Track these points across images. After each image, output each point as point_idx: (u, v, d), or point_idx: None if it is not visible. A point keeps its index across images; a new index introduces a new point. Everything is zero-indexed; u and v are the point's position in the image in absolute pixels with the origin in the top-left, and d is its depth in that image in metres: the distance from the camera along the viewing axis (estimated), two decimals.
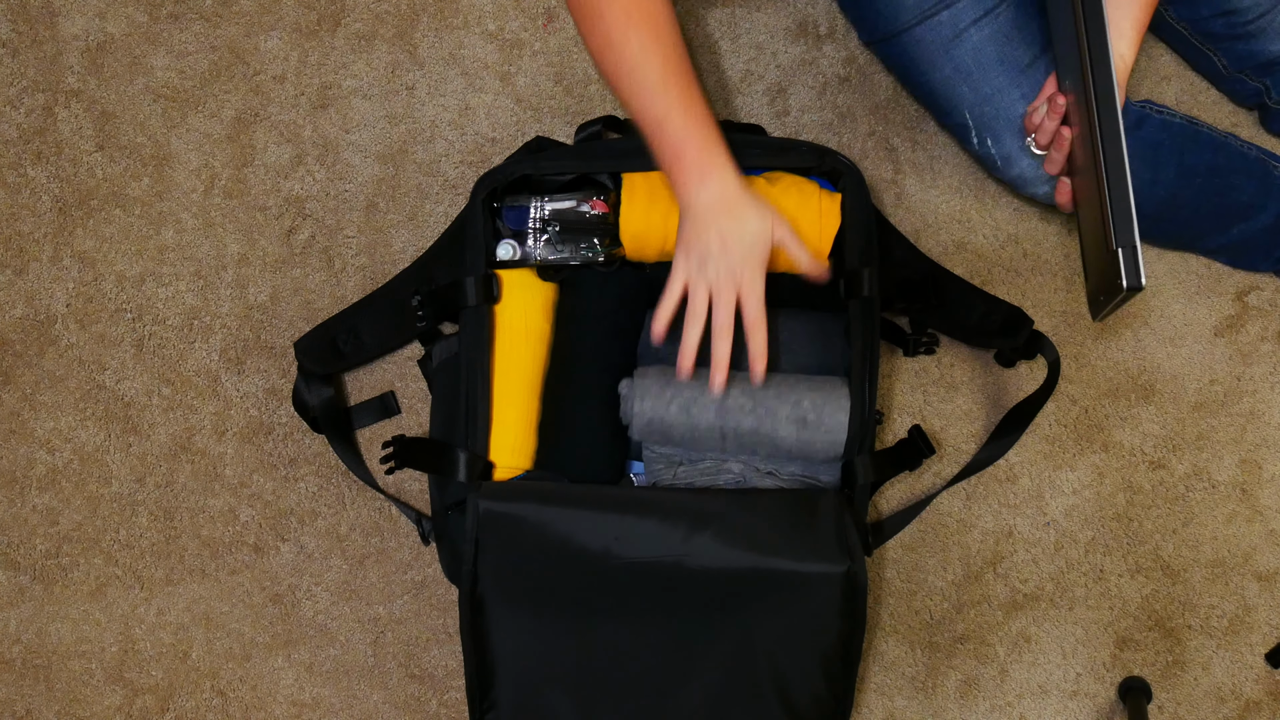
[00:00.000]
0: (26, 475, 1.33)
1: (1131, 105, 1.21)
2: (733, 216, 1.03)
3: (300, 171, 1.34)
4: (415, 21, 1.35)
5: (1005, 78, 1.15)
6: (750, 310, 1.04)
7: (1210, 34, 1.23)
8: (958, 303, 1.25)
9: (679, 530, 1.06)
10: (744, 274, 1.03)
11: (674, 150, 1.02)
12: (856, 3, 1.24)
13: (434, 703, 1.32)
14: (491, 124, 1.35)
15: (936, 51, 1.17)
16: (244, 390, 1.33)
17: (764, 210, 1.04)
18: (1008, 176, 1.20)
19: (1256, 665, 1.31)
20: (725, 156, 1.04)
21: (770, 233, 1.04)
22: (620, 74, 1.03)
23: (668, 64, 1.02)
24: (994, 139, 1.18)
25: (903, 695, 1.31)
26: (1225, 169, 1.23)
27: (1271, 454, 1.32)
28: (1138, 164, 1.19)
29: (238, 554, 1.32)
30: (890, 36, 1.20)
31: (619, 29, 1.01)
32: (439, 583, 1.32)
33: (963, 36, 1.16)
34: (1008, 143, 1.18)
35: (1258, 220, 1.25)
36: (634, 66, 1.02)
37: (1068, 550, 1.31)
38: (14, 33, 1.36)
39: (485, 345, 1.13)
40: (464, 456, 1.11)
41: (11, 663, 1.32)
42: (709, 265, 1.03)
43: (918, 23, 1.18)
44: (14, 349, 1.34)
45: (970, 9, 1.15)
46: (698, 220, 1.03)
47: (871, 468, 1.13)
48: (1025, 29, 1.16)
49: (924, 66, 1.19)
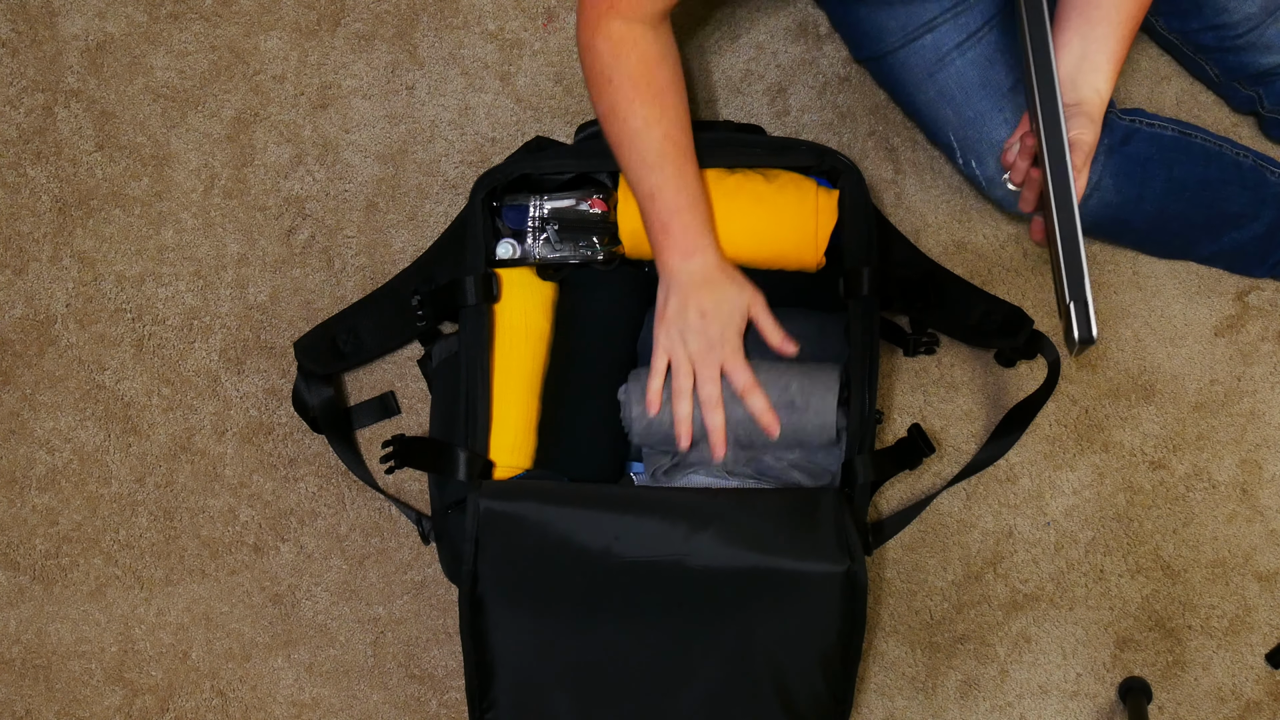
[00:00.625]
0: (26, 475, 1.33)
1: (1120, 120, 1.21)
2: (711, 290, 1.07)
3: (300, 171, 1.34)
4: (415, 21, 1.35)
5: (988, 102, 1.16)
6: (738, 380, 1.08)
7: (1201, 46, 1.23)
8: (958, 303, 1.25)
9: (679, 529, 1.06)
10: (724, 346, 1.08)
11: (662, 223, 1.06)
12: (844, 23, 1.25)
13: (434, 703, 1.31)
14: (491, 124, 1.35)
15: (920, 75, 1.18)
16: (244, 390, 1.33)
17: (742, 283, 1.09)
18: (993, 197, 1.22)
19: (1257, 665, 1.31)
20: (710, 236, 1.08)
21: (747, 305, 1.09)
22: (621, 142, 1.06)
23: (667, 139, 1.05)
24: (978, 161, 1.20)
25: (903, 695, 1.31)
26: (1216, 181, 1.23)
27: (1272, 454, 1.32)
28: (1124, 181, 1.20)
29: (237, 554, 1.32)
30: (876, 58, 1.22)
31: (625, 100, 1.04)
32: (439, 583, 1.32)
33: (946, 61, 1.17)
34: (991, 165, 1.19)
35: (1250, 229, 1.25)
36: (635, 138, 1.05)
37: (1068, 550, 1.31)
38: (14, 33, 1.36)
39: (485, 344, 1.13)
40: (464, 455, 1.11)
41: (11, 663, 1.32)
42: (689, 339, 1.07)
43: (901, 46, 1.18)
44: (14, 349, 1.34)
45: (953, 34, 1.16)
46: (679, 293, 1.08)
47: (872, 467, 1.13)
48: (1008, 53, 1.17)
49: (909, 89, 1.20)
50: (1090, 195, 1.20)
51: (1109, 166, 1.19)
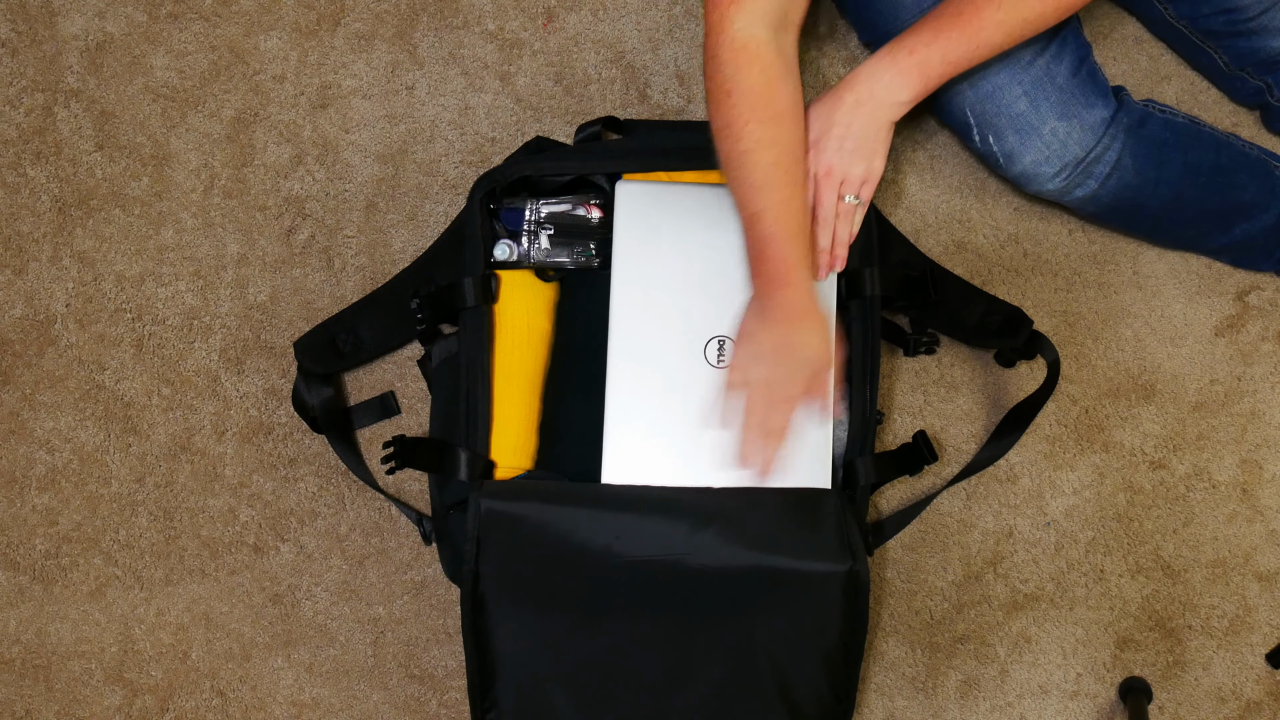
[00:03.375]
0: (26, 475, 1.33)
1: (1135, 104, 1.21)
2: (790, 328, 1.05)
3: (300, 171, 1.34)
4: (415, 21, 1.35)
5: (1005, 74, 1.15)
6: (775, 423, 1.07)
7: (1210, 31, 1.23)
8: (958, 302, 1.25)
9: (681, 529, 1.06)
10: (791, 387, 1.06)
11: (759, 247, 1.04)
12: (855, 3, 1.24)
13: (434, 703, 1.31)
14: (491, 124, 1.35)
15: None
16: (244, 390, 1.33)
17: (823, 337, 1.07)
18: (1011, 174, 1.20)
19: (1257, 665, 1.31)
20: (803, 271, 1.05)
21: (828, 359, 1.07)
22: (731, 160, 1.04)
23: (777, 165, 1.03)
24: (995, 136, 1.18)
25: (903, 695, 1.31)
26: (1229, 167, 1.23)
27: (1272, 454, 1.32)
28: (1143, 162, 1.19)
29: (237, 554, 1.32)
30: (890, 36, 1.20)
31: (742, 117, 1.02)
32: (439, 583, 1.32)
33: None
34: (1010, 139, 1.17)
35: (1260, 220, 1.25)
36: (744, 157, 1.03)
37: (1068, 550, 1.31)
38: (14, 32, 1.36)
39: (485, 345, 1.13)
40: (465, 456, 1.11)
41: (11, 663, 1.32)
42: (760, 366, 1.06)
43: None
44: (14, 349, 1.34)
45: None
46: (761, 319, 1.06)
47: (873, 469, 1.13)
48: None
49: None
50: (1110, 175, 1.19)
51: (1129, 146, 1.18)
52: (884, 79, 1.04)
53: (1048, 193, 1.20)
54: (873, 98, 1.04)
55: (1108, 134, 1.17)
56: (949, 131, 1.30)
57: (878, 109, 1.05)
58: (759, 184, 1.03)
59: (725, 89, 1.02)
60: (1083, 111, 1.16)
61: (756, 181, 1.03)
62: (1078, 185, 1.19)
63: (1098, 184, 1.19)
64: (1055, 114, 1.16)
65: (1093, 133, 1.17)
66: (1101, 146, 1.17)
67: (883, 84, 1.04)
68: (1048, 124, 1.16)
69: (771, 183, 1.03)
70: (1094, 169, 1.18)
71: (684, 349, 1.11)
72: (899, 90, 1.05)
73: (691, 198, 1.11)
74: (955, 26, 1.03)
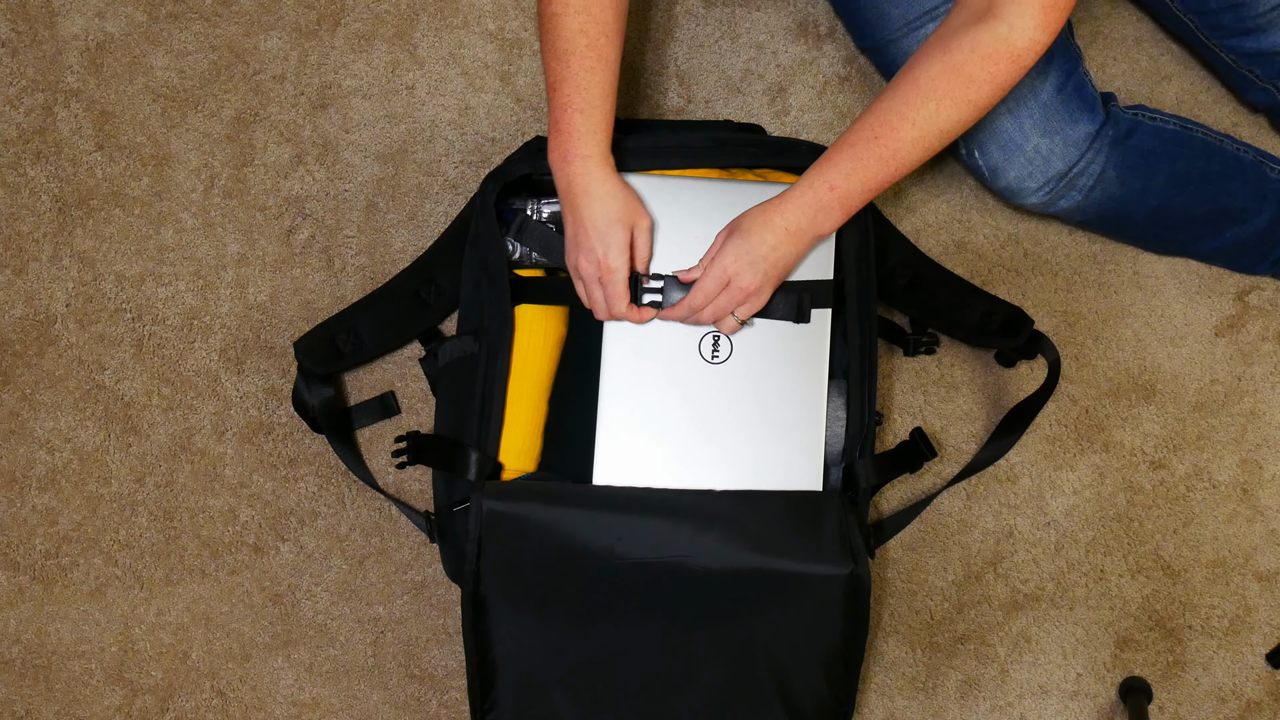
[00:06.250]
0: (26, 475, 1.33)
1: (1124, 113, 1.21)
2: (589, 201, 1.04)
3: (300, 171, 1.34)
4: (415, 21, 1.35)
5: None
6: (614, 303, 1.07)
7: (1219, 27, 1.23)
8: (958, 302, 1.25)
9: (683, 531, 1.06)
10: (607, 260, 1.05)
11: (555, 116, 1.04)
12: (846, 9, 1.25)
13: (434, 703, 1.31)
14: (491, 124, 1.35)
15: None
16: (244, 390, 1.33)
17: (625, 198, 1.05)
18: (996, 187, 1.21)
19: (1257, 665, 1.31)
20: (597, 144, 1.04)
21: (629, 216, 1.05)
22: (541, 24, 1.04)
23: (584, 31, 1.02)
24: (981, 151, 1.20)
25: (903, 695, 1.31)
26: (1218, 174, 1.23)
27: (1272, 454, 1.32)
28: (1128, 174, 1.20)
29: (237, 554, 1.32)
30: (878, 46, 1.22)
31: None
32: (439, 583, 1.32)
33: None
34: (994, 155, 1.19)
35: (1251, 224, 1.25)
36: (553, 20, 1.02)
37: (1068, 550, 1.31)
38: (14, 32, 1.36)
39: (506, 348, 1.12)
40: (475, 456, 1.11)
41: (11, 663, 1.32)
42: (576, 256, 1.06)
43: (903, 35, 1.18)
44: (14, 349, 1.34)
45: None
46: (563, 202, 1.06)
47: (873, 470, 1.13)
48: None
49: None
50: (1094, 188, 1.20)
51: (1113, 158, 1.19)
52: (809, 213, 1.04)
53: (1032, 205, 1.21)
54: (800, 231, 1.05)
55: (1092, 148, 1.18)
56: None
57: (802, 239, 1.05)
58: (561, 50, 1.02)
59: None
60: (1066, 128, 1.17)
61: (560, 48, 1.02)
62: (1061, 198, 1.20)
63: (1082, 196, 1.20)
64: (1039, 131, 1.17)
65: (1076, 148, 1.18)
66: (1085, 161, 1.18)
67: (807, 218, 1.05)
68: (1030, 141, 1.17)
69: (574, 50, 1.02)
70: (1077, 182, 1.19)
71: (679, 345, 1.11)
72: (824, 224, 1.05)
73: (689, 194, 1.11)
74: (871, 153, 1.02)
